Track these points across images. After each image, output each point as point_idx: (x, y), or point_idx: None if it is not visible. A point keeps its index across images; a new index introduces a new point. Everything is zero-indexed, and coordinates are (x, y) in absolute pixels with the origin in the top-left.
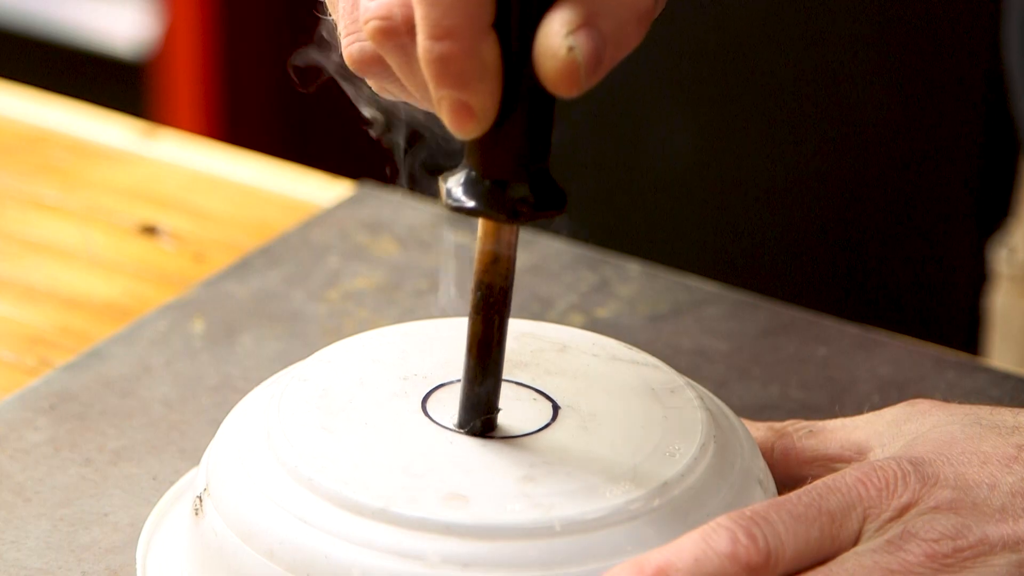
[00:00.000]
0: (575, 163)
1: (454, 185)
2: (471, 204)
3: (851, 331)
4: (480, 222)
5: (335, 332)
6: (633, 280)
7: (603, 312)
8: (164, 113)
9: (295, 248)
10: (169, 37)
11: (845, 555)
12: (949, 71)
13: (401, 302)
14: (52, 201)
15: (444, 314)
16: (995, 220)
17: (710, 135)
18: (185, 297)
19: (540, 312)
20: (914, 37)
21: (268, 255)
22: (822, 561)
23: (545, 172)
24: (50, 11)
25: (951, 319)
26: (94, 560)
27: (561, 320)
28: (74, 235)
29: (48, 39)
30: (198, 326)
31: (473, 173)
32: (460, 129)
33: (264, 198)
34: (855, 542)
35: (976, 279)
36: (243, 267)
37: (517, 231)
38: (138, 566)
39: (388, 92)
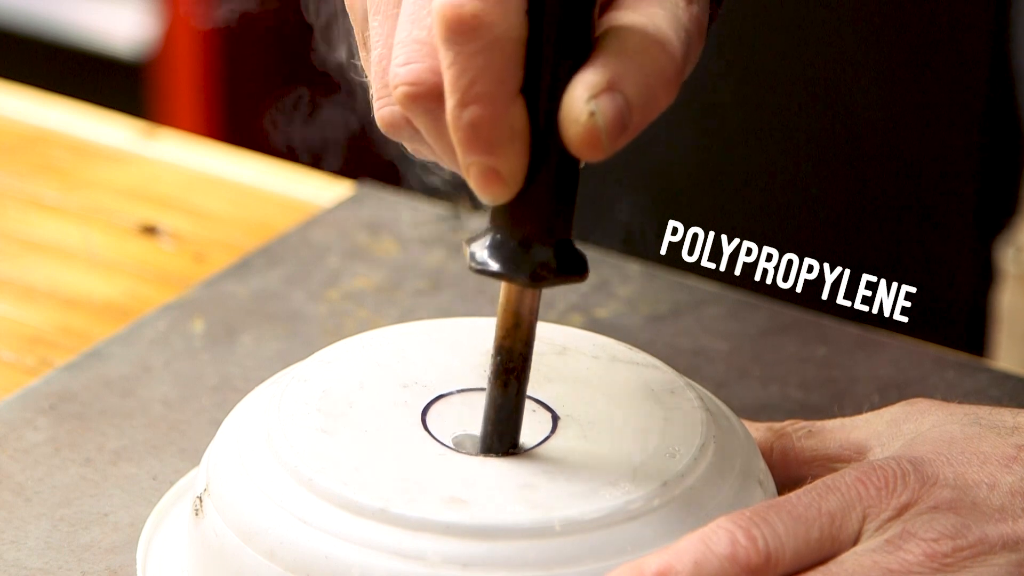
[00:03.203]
0: None
1: (478, 248)
2: (495, 267)
3: (851, 331)
4: (503, 287)
5: (335, 332)
6: (633, 280)
7: (603, 312)
8: (164, 113)
9: (295, 248)
10: (169, 37)
11: (845, 555)
12: (950, 70)
13: (401, 302)
14: (52, 201)
15: (444, 314)
16: (998, 219)
17: (710, 135)
18: (185, 297)
19: (540, 312)
20: (914, 37)
21: (268, 255)
22: (822, 561)
23: (568, 238)
24: (50, 11)
25: (952, 319)
26: (94, 560)
27: (561, 320)
28: (74, 235)
29: (48, 39)
30: (198, 326)
31: (498, 236)
32: (488, 194)
33: (264, 198)
34: (855, 542)
35: (977, 279)
36: (243, 267)
37: (539, 297)
38: (138, 566)
39: (421, 153)
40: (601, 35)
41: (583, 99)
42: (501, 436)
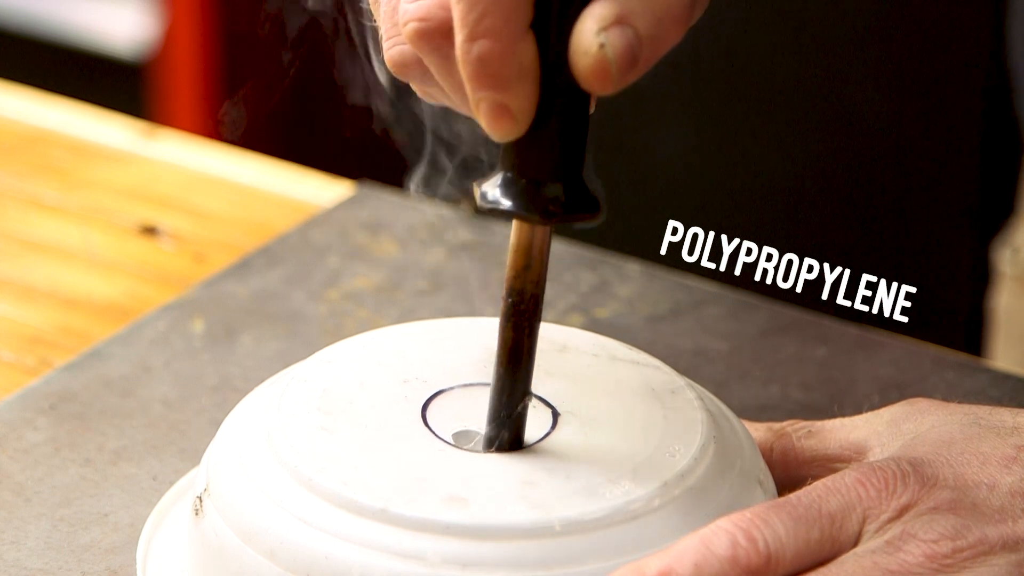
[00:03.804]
0: None
1: (489, 187)
2: (506, 204)
3: (851, 331)
4: (513, 226)
5: (335, 332)
6: (633, 280)
7: (603, 312)
8: (164, 113)
9: (295, 248)
10: (169, 37)
11: (845, 556)
12: (949, 71)
13: (401, 302)
14: (52, 201)
15: (444, 314)
16: (996, 220)
17: (710, 135)
18: (185, 297)
19: None
20: (914, 37)
21: (268, 255)
22: (822, 562)
23: (579, 176)
24: (50, 11)
25: (951, 319)
26: (94, 560)
27: (561, 320)
28: (74, 235)
29: (48, 39)
30: (198, 326)
31: (508, 175)
32: (498, 131)
33: (264, 198)
34: (855, 543)
35: (976, 279)
36: (243, 267)
37: (550, 238)
38: (138, 566)
39: (430, 96)
40: None
41: (593, 31)
42: (515, 383)
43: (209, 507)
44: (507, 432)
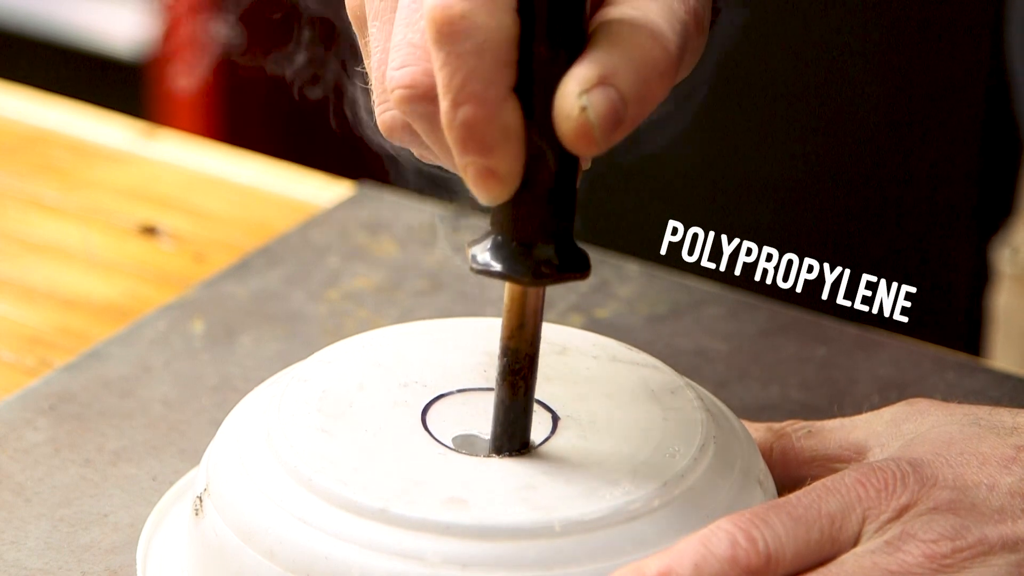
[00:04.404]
0: None
1: (479, 250)
2: (496, 267)
3: (851, 331)
4: (506, 288)
5: (335, 332)
6: (632, 280)
7: (603, 313)
8: (164, 113)
9: (295, 248)
10: (169, 37)
11: (844, 556)
12: (949, 71)
13: (401, 302)
14: (52, 201)
15: (444, 314)
16: (996, 220)
17: (710, 135)
18: (185, 297)
19: None
20: (914, 37)
21: (268, 255)
22: (822, 563)
23: (569, 236)
24: (50, 11)
25: (951, 319)
26: (94, 560)
27: (561, 320)
28: (74, 235)
29: (48, 39)
30: (198, 326)
31: (499, 238)
32: (486, 194)
33: (264, 198)
34: (855, 543)
35: (976, 279)
36: (243, 267)
37: (543, 297)
38: (138, 566)
39: (426, 157)
40: (594, 30)
41: (574, 94)
42: (511, 437)
43: (209, 507)
44: None
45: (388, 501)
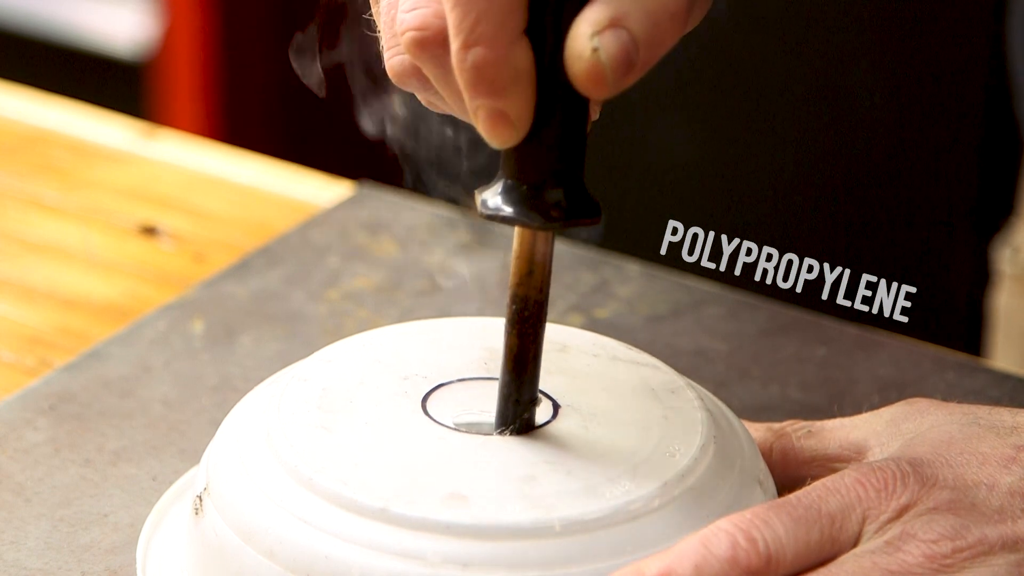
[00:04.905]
0: None
1: (489, 195)
2: (506, 211)
3: (851, 331)
4: (515, 233)
5: (335, 332)
6: (632, 280)
7: (603, 312)
8: (164, 113)
9: (295, 248)
10: (169, 37)
11: (844, 556)
12: (949, 71)
13: (401, 302)
14: (52, 201)
15: (444, 314)
16: (996, 220)
17: (710, 135)
18: (185, 297)
19: None
20: (914, 37)
21: (268, 255)
22: (822, 563)
23: (580, 181)
24: (50, 11)
25: (951, 319)
26: (94, 560)
27: (561, 320)
28: (74, 235)
29: (48, 39)
30: (198, 326)
31: (509, 182)
32: (496, 137)
33: (264, 198)
34: (855, 543)
35: (976, 279)
36: (243, 267)
37: (552, 242)
38: (138, 566)
39: (433, 105)
40: None
41: (586, 35)
42: (521, 388)
43: (209, 507)
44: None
45: (388, 500)
